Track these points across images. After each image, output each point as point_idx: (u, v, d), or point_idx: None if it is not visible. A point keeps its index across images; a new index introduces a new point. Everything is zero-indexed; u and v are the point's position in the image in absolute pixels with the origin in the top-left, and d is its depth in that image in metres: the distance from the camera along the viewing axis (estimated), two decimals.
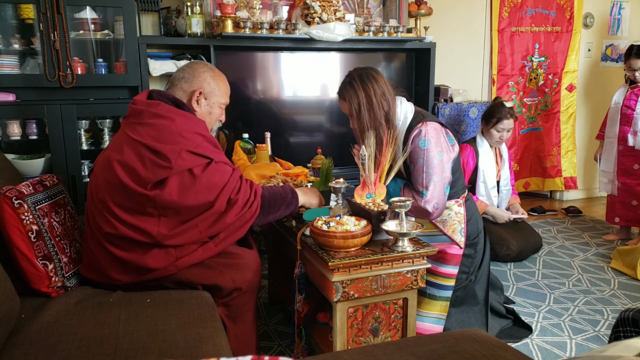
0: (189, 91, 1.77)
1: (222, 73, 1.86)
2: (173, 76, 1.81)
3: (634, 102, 3.25)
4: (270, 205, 1.72)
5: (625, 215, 3.39)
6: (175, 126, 1.61)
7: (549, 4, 4.15)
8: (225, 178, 1.61)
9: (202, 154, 1.60)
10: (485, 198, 3.12)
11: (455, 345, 1.25)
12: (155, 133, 1.60)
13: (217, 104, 1.82)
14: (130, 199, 1.57)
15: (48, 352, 1.28)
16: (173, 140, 1.59)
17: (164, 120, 1.62)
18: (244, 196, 1.64)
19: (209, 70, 1.80)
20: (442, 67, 3.80)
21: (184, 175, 1.56)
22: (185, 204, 1.56)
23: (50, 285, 1.58)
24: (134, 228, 1.57)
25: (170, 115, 1.64)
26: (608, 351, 0.71)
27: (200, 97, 1.77)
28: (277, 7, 3.26)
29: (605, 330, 2.25)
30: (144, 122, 1.63)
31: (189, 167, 1.57)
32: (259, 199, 1.68)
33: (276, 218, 1.78)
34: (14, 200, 1.55)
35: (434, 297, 2.03)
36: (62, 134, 2.61)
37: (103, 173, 1.63)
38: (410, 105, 1.99)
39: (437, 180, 1.86)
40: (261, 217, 1.70)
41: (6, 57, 2.61)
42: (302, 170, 2.53)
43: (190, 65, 1.81)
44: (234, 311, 1.71)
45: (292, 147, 3.42)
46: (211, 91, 1.79)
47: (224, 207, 1.60)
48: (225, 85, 1.84)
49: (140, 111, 1.66)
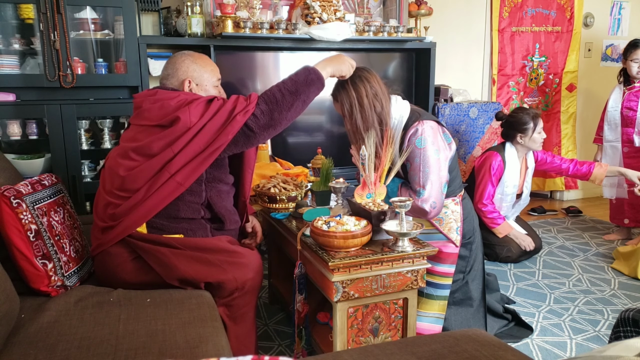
0: (179, 83, 1.80)
1: (202, 54, 1.88)
2: (161, 75, 1.85)
3: (634, 103, 3.24)
4: (283, 91, 1.66)
5: (635, 216, 3.38)
6: (177, 99, 1.67)
7: (549, 4, 4.15)
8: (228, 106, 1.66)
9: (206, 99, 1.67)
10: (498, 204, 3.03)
11: (456, 345, 1.25)
12: (160, 112, 1.67)
13: (210, 85, 1.84)
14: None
15: (48, 352, 1.28)
16: (179, 107, 1.64)
17: (165, 100, 1.68)
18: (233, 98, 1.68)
19: (189, 57, 1.82)
20: (442, 67, 3.80)
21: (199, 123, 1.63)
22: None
23: (50, 284, 1.58)
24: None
25: (171, 95, 1.70)
26: (608, 351, 0.71)
27: (192, 84, 1.79)
28: (277, 7, 3.26)
29: (605, 330, 2.25)
30: (147, 108, 1.70)
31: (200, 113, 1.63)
32: (254, 97, 1.67)
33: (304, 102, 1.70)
34: (12, 199, 1.55)
35: (431, 297, 2.03)
36: (62, 134, 2.61)
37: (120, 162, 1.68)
38: (406, 104, 1.99)
39: (434, 179, 1.86)
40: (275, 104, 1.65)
41: (6, 57, 2.61)
42: (302, 170, 2.53)
43: (170, 60, 1.83)
44: (235, 311, 1.71)
45: (292, 147, 3.42)
46: (199, 76, 1.81)
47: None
48: (210, 65, 1.85)
49: (142, 101, 1.74)
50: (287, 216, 2.04)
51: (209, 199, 1.75)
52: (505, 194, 3.00)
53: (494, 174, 2.93)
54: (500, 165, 2.94)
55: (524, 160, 3.06)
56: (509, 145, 3.00)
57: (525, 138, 2.93)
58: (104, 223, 1.68)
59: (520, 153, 3.01)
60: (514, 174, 2.98)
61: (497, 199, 3.00)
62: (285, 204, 2.06)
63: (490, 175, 2.93)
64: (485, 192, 2.93)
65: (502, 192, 2.99)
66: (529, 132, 2.91)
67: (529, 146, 2.97)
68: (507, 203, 3.06)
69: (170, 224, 1.69)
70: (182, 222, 1.71)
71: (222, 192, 1.80)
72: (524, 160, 3.06)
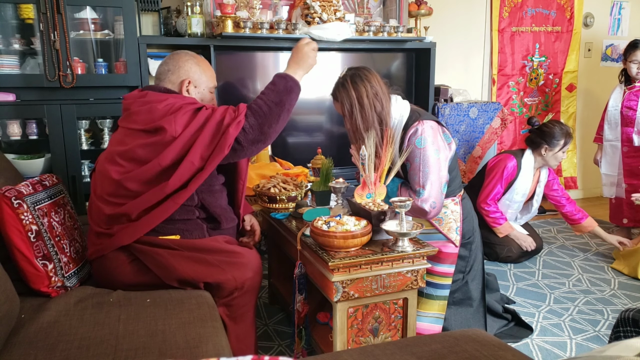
0: (178, 82, 1.79)
1: (203, 57, 1.88)
2: (158, 70, 1.82)
3: (634, 103, 3.24)
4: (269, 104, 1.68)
5: (633, 216, 3.38)
6: (165, 103, 1.65)
7: (549, 4, 4.15)
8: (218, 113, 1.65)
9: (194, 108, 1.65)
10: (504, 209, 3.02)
11: (456, 345, 1.25)
12: (148, 116, 1.65)
13: (206, 90, 1.85)
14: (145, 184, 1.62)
15: (48, 352, 1.28)
16: (165, 113, 1.63)
17: (153, 103, 1.66)
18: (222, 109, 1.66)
19: (192, 58, 1.82)
20: (442, 67, 3.80)
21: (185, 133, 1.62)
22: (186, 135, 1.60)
23: (50, 285, 1.58)
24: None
25: (160, 98, 1.68)
26: (608, 351, 0.71)
27: (190, 85, 1.79)
28: (277, 7, 3.26)
29: (605, 330, 2.25)
30: (136, 110, 1.68)
31: (185, 123, 1.61)
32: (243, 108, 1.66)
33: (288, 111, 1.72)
34: (13, 200, 1.55)
35: (430, 297, 2.03)
36: (62, 134, 2.61)
37: (107, 168, 1.66)
38: (406, 104, 1.99)
39: (434, 179, 1.86)
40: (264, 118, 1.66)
41: (6, 57, 2.61)
42: (302, 170, 2.53)
43: (173, 57, 1.82)
44: (234, 311, 1.71)
45: (292, 147, 3.42)
46: (199, 78, 1.81)
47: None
48: (210, 70, 1.87)
49: (131, 103, 1.72)
50: (287, 216, 2.04)
51: (202, 200, 1.75)
52: (513, 201, 2.98)
53: (506, 177, 2.91)
54: (514, 169, 2.92)
55: (537, 173, 3.04)
56: (528, 153, 2.97)
57: (549, 152, 2.90)
58: (99, 227, 1.68)
59: (537, 164, 2.98)
60: (525, 182, 2.96)
61: (504, 204, 2.98)
62: (285, 204, 2.06)
63: (502, 176, 2.91)
64: (492, 192, 2.92)
65: (510, 199, 2.97)
66: (556, 148, 2.88)
67: (549, 161, 2.94)
68: (512, 210, 3.05)
69: (165, 225, 1.68)
70: (177, 223, 1.70)
71: (215, 191, 1.80)
72: (537, 173, 3.04)
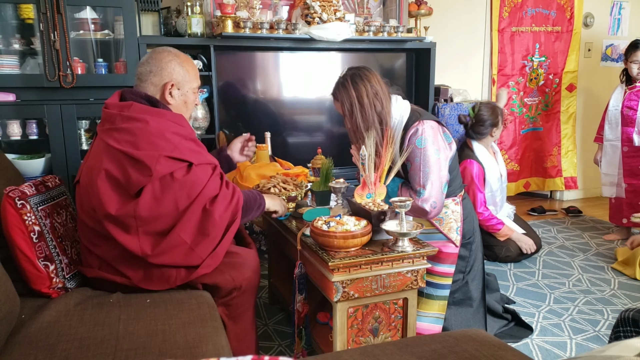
0: (160, 85, 1.69)
1: (187, 55, 1.81)
2: (139, 70, 1.72)
3: (635, 103, 3.25)
4: (247, 208, 1.72)
5: None
6: (151, 128, 1.57)
7: (549, 4, 4.15)
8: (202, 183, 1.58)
9: (181, 158, 1.56)
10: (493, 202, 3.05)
11: (456, 345, 1.25)
12: (131, 138, 1.55)
13: (190, 90, 1.75)
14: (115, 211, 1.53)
15: (48, 353, 1.28)
16: (150, 145, 1.54)
17: (138, 123, 1.57)
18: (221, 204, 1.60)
19: (176, 58, 1.73)
20: (442, 67, 3.80)
21: (164, 180, 1.53)
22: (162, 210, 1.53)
23: (51, 286, 1.58)
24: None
25: (144, 116, 1.58)
26: (608, 351, 0.71)
27: (173, 88, 1.70)
28: (277, 7, 3.26)
29: (605, 330, 2.25)
30: (118, 128, 1.58)
31: (169, 171, 1.54)
32: (239, 207, 1.64)
33: (247, 220, 1.78)
34: (16, 200, 1.55)
35: (431, 297, 2.03)
36: (62, 134, 2.61)
37: (88, 184, 1.59)
38: (406, 104, 1.99)
39: (435, 179, 1.86)
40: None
41: (6, 57, 2.61)
42: (302, 170, 2.53)
43: (155, 57, 1.71)
44: (233, 310, 1.71)
45: (292, 147, 3.42)
46: (182, 79, 1.72)
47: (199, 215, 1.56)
48: (193, 69, 1.78)
49: (114, 116, 1.61)
50: (287, 216, 2.04)
51: None
52: (493, 191, 3.03)
53: (478, 180, 2.94)
54: (479, 169, 2.97)
55: (491, 150, 3.13)
56: (476, 145, 3.04)
57: (496, 130, 3.02)
58: (87, 241, 1.65)
59: (487, 145, 3.08)
60: (493, 170, 3.03)
61: (489, 197, 3.02)
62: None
63: (475, 184, 2.94)
64: (478, 200, 2.95)
65: (490, 190, 3.02)
66: (500, 123, 3.00)
67: (496, 136, 3.05)
68: (499, 197, 3.10)
69: None
70: None
71: None
72: (491, 150, 3.13)
